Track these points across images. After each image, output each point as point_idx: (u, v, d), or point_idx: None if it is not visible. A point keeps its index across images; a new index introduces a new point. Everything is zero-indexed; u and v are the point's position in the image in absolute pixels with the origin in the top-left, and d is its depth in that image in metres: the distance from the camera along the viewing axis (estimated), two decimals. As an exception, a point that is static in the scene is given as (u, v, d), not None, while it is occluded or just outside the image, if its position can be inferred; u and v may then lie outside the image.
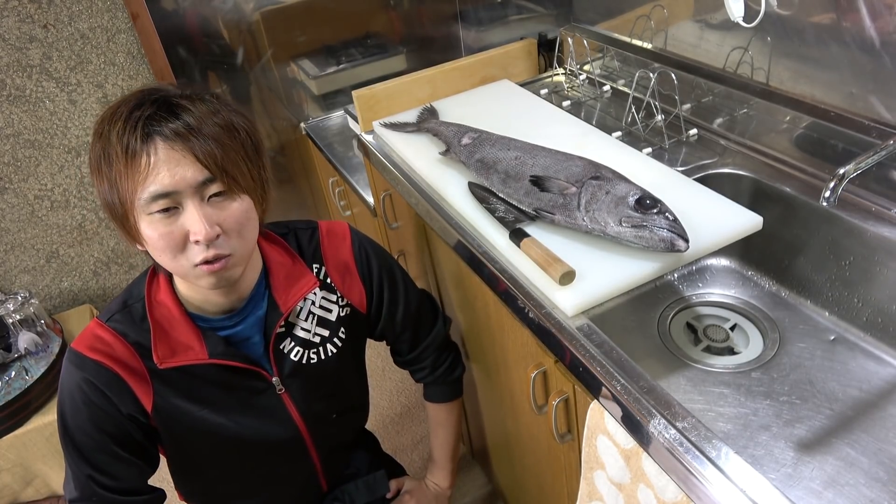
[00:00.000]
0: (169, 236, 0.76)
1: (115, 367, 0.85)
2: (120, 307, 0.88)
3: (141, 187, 0.74)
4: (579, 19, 1.47)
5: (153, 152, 0.73)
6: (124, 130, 0.74)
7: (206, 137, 0.75)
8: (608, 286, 0.83)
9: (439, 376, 1.16)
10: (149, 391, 0.87)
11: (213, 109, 0.78)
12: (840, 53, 0.94)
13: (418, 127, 1.27)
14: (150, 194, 0.74)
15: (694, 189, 0.96)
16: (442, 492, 1.26)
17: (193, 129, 0.75)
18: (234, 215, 0.79)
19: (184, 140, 0.74)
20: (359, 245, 1.02)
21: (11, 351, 1.74)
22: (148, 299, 0.87)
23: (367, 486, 1.16)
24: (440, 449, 1.25)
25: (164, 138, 0.74)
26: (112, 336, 0.86)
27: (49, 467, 1.77)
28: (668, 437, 0.66)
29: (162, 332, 0.86)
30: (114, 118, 0.75)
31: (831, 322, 0.95)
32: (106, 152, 0.75)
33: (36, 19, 1.67)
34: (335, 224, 1.02)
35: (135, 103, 0.76)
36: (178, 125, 0.74)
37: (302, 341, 0.96)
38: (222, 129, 0.78)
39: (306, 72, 1.97)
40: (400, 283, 1.06)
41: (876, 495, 0.74)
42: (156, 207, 0.75)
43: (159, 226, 0.76)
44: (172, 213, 0.76)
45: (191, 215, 0.76)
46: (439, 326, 1.14)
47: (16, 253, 1.94)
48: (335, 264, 0.99)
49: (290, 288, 0.93)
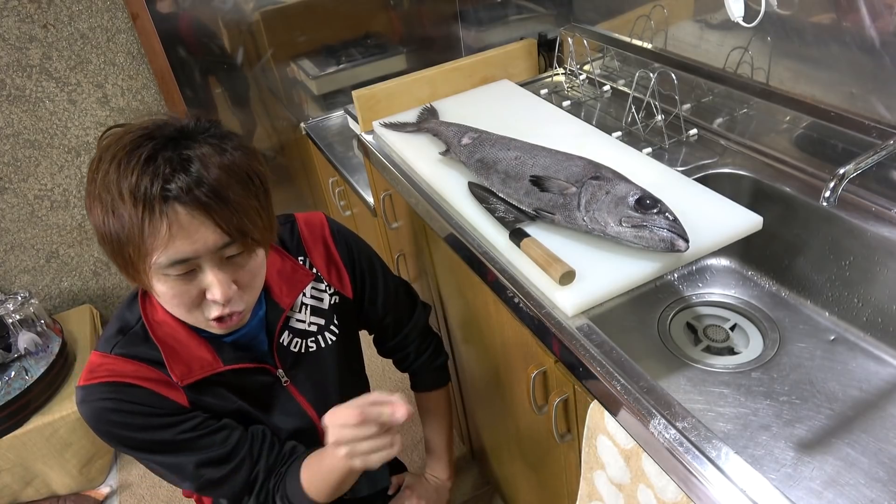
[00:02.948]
0: (185, 295, 0.76)
1: (135, 382, 0.84)
2: (118, 335, 0.86)
3: (157, 252, 0.71)
4: (579, 19, 1.47)
5: (174, 219, 0.70)
6: (138, 190, 0.69)
7: (226, 200, 0.72)
8: (608, 286, 0.83)
9: (424, 362, 1.19)
10: (181, 395, 0.87)
11: (228, 161, 0.74)
12: (840, 53, 0.94)
13: (418, 127, 1.27)
14: (167, 260, 0.72)
15: (694, 189, 0.96)
16: (442, 484, 1.27)
17: (213, 192, 0.71)
18: (250, 270, 0.80)
19: (205, 207, 0.71)
20: (337, 232, 1.04)
21: (11, 351, 1.74)
22: (147, 321, 0.86)
23: (369, 479, 1.17)
24: (435, 438, 1.26)
25: (183, 204, 0.70)
26: (121, 361, 0.84)
27: (49, 467, 1.77)
28: (668, 437, 0.66)
29: (172, 352, 0.85)
30: (122, 168, 0.70)
31: (831, 322, 0.95)
32: (116, 211, 0.71)
33: (36, 19, 1.67)
34: (311, 215, 1.03)
35: (146, 154, 0.70)
36: (196, 190, 0.70)
37: (299, 332, 0.98)
38: (239, 184, 0.74)
39: (306, 72, 1.97)
40: (378, 268, 1.09)
41: (876, 495, 0.74)
42: (173, 272, 0.74)
43: (174, 285, 0.75)
44: (189, 274, 0.75)
45: (209, 278, 0.75)
46: (419, 311, 1.17)
47: (16, 253, 1.94)
48: (318, 254, 1.01)
49: (286, 285, 0.95)
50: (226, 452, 0.90)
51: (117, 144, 0.72)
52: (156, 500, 1.82)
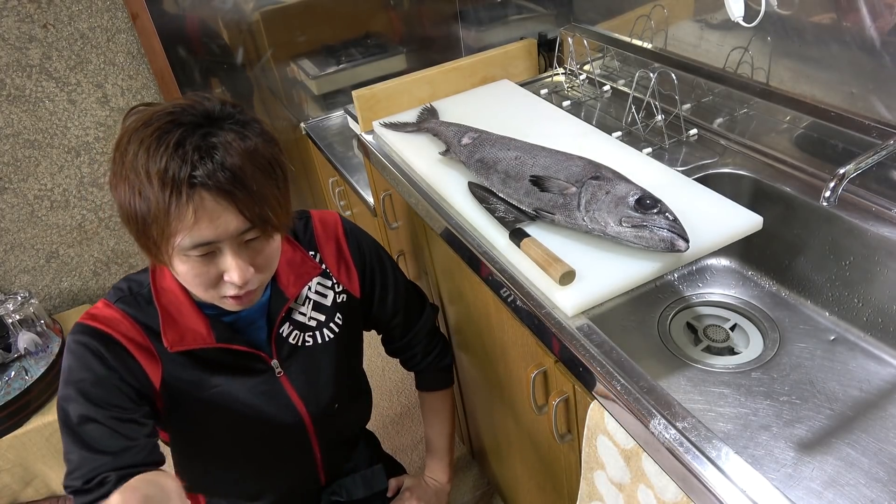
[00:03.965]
0: (205, 275, 0.79)
1: (121, 340, 0.86)
2: (126, 293, 0.89)
3: (181, 234, 0.74)
4: (579, 19, 1.47)
5: (198, 204, 0.73)
6: (166, 174, 0.71)
7: (248, 188, 0.75)
8: (608, 286, 0.83)
9: (431, 362, 1.19)
10: (157, 368, 0.89)
11: (251, 149, 0.76)
12: (840, 53, 0.94)
13: (418, 127, 1.27)
14: (190, 242, 0.75)
15: (694, 189, 0.96)
16: (442, 487, 1.27)
17: (237, 179, 0.74)
18: (267, 254, 0.83)
19: (228, 193, 0.73)
20: (350, 231, 1.05)
21: (11, 351, 1.74)
22: (153, 286, 0.88)
23: (365, 481, 1.17)
24: (437, 439, 1.26)
25: (209, 190, 0.73)
26: (120, 314, 0.87)
27: (49, 467, 1.77)
28: (668, 437, 0.66)
29: (170, 318, 0.88)
30: (151, 151, 0.72)
31: (831, 322, 0.95)
32: (143, 192, 0.73)
33: (36, 19, 1.67)
34: (325, 213, 1.05)
35: (175, 139, 0.72)
36: (222, 177, 0.73)
37: (298, 324, 0.98)
38: (262, 171, 0.77)
39: (306, 72, 1.97)
40: (389, 268, 1.10)
41: (876, 495, 0.74)
42: (195, 253, 0.76)
43: (195, 265, 0.78)
44: (209, 255, 0.78)
45: (229, 261, 0.78)
46: (428, 311, 1.18)
47: (16, 253, 1.94)
48: (330, 251, 1.03)
49: (294, 275, 0.96)
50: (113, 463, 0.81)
51: (145, 128, 0.74)
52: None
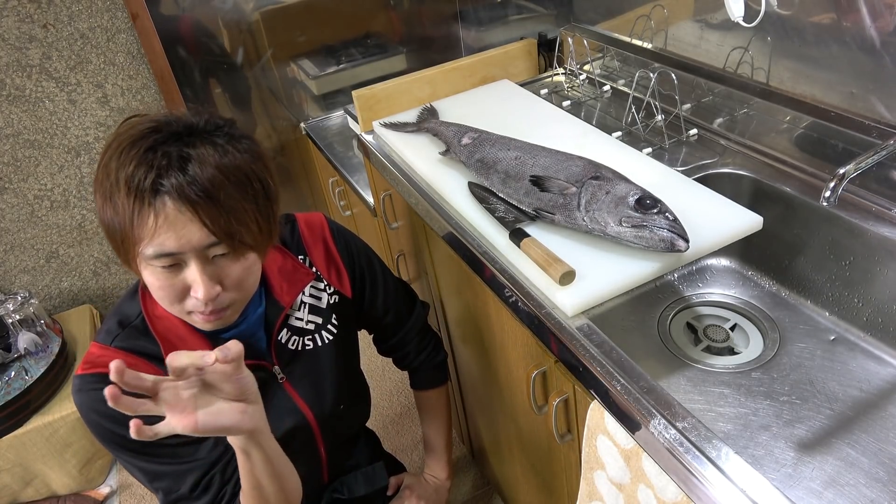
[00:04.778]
0: (170, 288, 0.77)
1: None
2: (118, 328, 0.87)
3: (145, 242, 0.72)
4: (579, 19, 1.47)
5: (161, 211, 0.71)
6: (132, 180, 0.70)
7: (216, 201, 0.72)
8: (608, 286, 0.83)
9: (424, 360, 1.19)
10: None
11: (228, 162, 0.74)
12: (840, 53, 0.94)
13: (418, 127, 1.27)
14: (153, 252, 0.73)
15: (694, 189, 0.96)
16: (441, 483, 1.27)
17: (204, 191, 0.71)
18: (236, 273, 0.79)
19: (193, 204, 0.71)
20: (337, 232, 1.05)
21: (11, 351, 1.74)
22: (147, 315, 0.86)
23: (366, 478, 1.17)
24: (434, 437, 1.26)
25: (173, 199, 0.71)
26: (121, 353, 0.85)
27: (49, 467, 1.77)
28: (668, 437, 0.65)
29: (171, 346, 0.86)
30: (122, 157, 0.72)
31: (831, 322, 0.95)
32: (112, 198, 0.72)
33: (36, 19, 1.67)
34: (311, 215, 1.04)
35: (147, 145, 0.72)
36: (189, 188, 0.71)
37: (296, 330, 0.98)
38: (234, 185, 0.74)
39: (306, 72, 1.97)
40: (377, 268, 1.10)
41: (876, 495, 0.74)
42: (158, 263, 0.74)
43: (160, 277, 0.76)
44: (174, 268, 0.76)
45: (193, 274, 0.76)
46: (419, 309, 1.18)
47: (16, 253, 1.94)
48: (318, 253, 1.02)
49: (286, 282, 0.95)
50: (203, 467, 0.89)
51: (125, 134, 0.74)
52: (155, 500, 1.82)
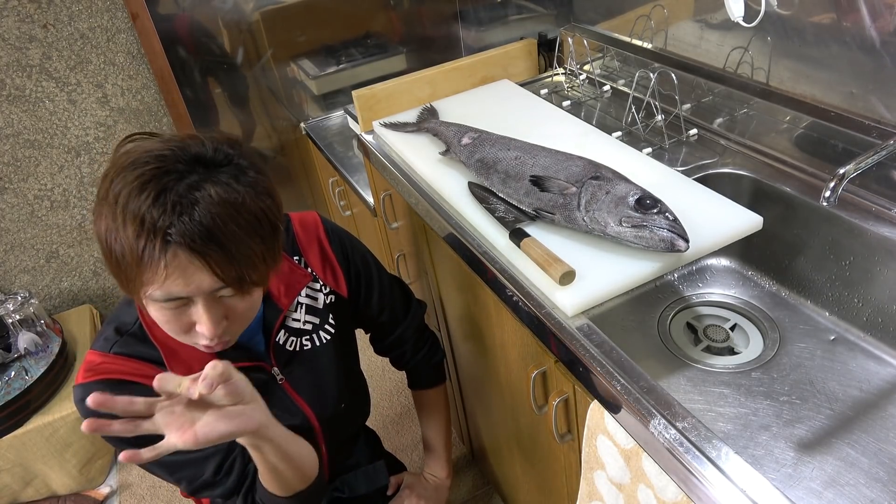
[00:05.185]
0: (176, 322, 0.77)
1: (132, 379, 0.84)
2: (116, 335, 0.86)
3: (153, 286, 0.72)
4: (579, 19, 1.47)
5: (170, 260, 0.70)
6: (142, 225, 0.69)
7: (225, 248, 0.71)
8: (608, 286, 0.83)
9: (421, 360, 1.19)
10: None
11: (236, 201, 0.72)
12: (840, 53, 0.94)
13: (418, 127, 1.27)
14: (161, 296, 0.72)
15: (694, 189, 0.96)
16: (441, 482, 1.27)
17: (214, 239, 0.71)
18: (241, 308, 0.80)
19: (201, 254, 0.71)
20: (331, 231, 1.04)
21: (11, 351, 1.74)
22: (144, 322, 0.86)
23: (367, 477, 1.17)
24: (433, 436, 1.26)
25: (181, 247, 0.70)
26: (120, 359, 0.85)
27: (49, 467, 1.77)
28: (668, 437, 0.66)
29: (171, 352, 0.86)
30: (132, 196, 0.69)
31: (831, 322, 0.95)
32: (118, 233, 0.70)
33: (36, 19, 1.67)
34: (305, 215, 1.04)
35: (158, 190, 0.69)
36: (197, 235, 0.70)
37: (294, 331, 0.98)
38: (244, 228, 0.73)
39: (306, 72, 1.97)
40: (373, 267, 1.09)
41: (876, 495, 0.74)
42: (166, 306, 0.74)
43: (167, 313, 0.76)
44: (182, 307, 0.76)
45: (200, 314, 0.75)
46: (414, 308, 1.17)
47: (16, 253, 1.94)
48: (313, 253, 1.02)
49: (284, 285, 0.95)
50: (223, 450, 0.90)
51: (132, 169, 0.71)
52: (156, 500, 1.82)
